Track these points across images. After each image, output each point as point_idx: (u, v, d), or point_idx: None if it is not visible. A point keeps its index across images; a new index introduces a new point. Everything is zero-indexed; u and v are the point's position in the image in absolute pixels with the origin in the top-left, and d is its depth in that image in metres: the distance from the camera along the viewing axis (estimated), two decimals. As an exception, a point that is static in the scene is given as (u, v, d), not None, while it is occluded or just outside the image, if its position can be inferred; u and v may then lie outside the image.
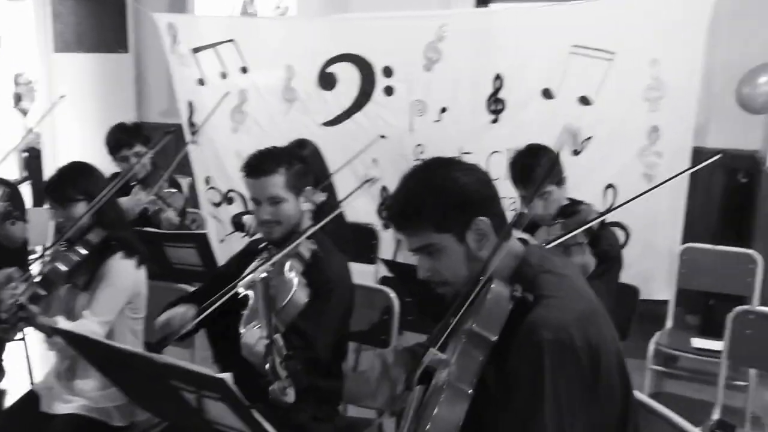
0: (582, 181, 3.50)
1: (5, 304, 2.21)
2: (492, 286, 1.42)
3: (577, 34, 3.73)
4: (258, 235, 2.44)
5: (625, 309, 3.01)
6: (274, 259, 2.10)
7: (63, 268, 2.32)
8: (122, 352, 1.47)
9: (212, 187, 4.50)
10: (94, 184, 2.44)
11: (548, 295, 1.43)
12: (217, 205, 4.51)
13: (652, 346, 3.39)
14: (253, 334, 1.93)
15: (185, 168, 4.75)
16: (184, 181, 4.51)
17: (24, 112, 6.62)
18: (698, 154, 4.25)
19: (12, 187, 3.40)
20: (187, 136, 4.47)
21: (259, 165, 2.21)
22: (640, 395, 1.77)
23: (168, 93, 5.36)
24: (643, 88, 3.71)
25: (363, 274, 3.57)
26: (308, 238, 2.25)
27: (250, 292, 2.16)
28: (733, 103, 3.99)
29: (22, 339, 3.45)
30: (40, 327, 2.27)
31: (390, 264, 3.19)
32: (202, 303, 2.19)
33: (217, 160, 4.43)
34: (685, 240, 3.79)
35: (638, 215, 3.79)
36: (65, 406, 2.41)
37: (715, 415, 2.81)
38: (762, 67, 3.89)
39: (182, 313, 2.19)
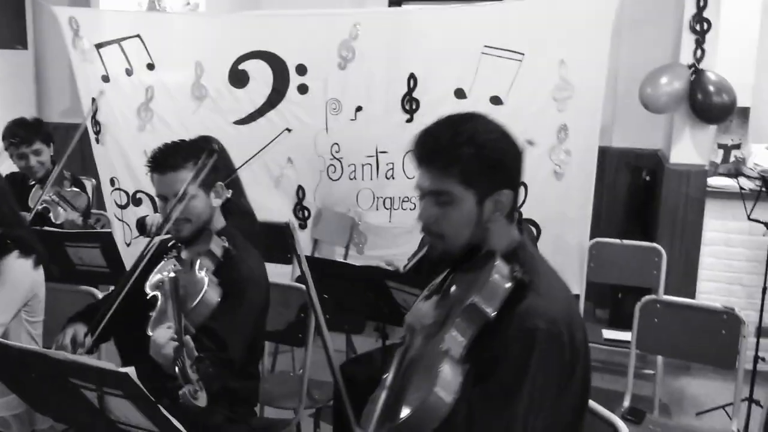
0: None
1: None
2: (496, 263, 1.41)
3: (488, 35, 3.78)
4: (164, 236, 2.34)
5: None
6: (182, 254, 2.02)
7: None
8: (17, 350, 1.36)
9: (118, 188, 4.30)
10: None
11: (542, 283, 1.44)
12: (124, 207, 4.31)
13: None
14: (162, 335, 1.84)
15: (90, 169, 4.54)
16: (88, 183, 4.32)
17: None
18: (604, 153, 4.42)
19: None
20: (91, 136, 4.26)
21: (165, 160, 2.12)
22: None
23: (70, 91, 5.12)
24: (551, 89, 3.80)
25: (280, 275, 3.51)
26: (220, 234, 2.18)
27: (159, 293, 2.06)
28: (637, 103, 4.13)
29: None
30: None
31: (309, 260, 3.14)
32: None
33: (124, 159, 4.24)
34: (593, 236, 3.90)
35: (549, 213, 3.90)
36: (-43, 418, 2.24)
37: (626, 403, 2.89)
38: (663, 68, 4.05)
39: (72, 336, 2.08)
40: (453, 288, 1.49)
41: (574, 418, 1.49)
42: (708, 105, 3.89)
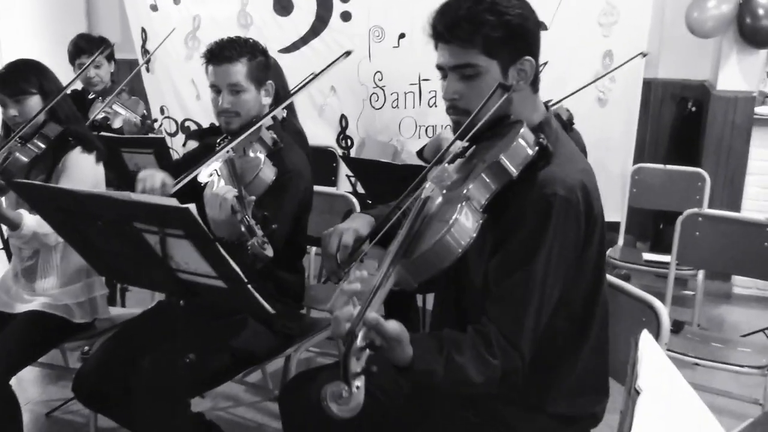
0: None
1: None
2: (522, 129, 1.42)
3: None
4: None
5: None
6: (238, 140, 2.07)
7: (24, 159, 2.27)
8: (82, 195, 1.44)
9: (167, 117, 4.42)
10: (48, 79, 2.38)
11: (563, 153, 1.47)
12: (173, 135, 4.44)
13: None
14: (220, 187, 1.85)
15: (141, 98, 4.66)
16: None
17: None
18: (649, 85, 4.37)
19: None
20: (141, 65, 4.37)
21: (221, 51, 2.19)
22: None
23: (121, 26, 5.21)
24: (597, 13, 3.76)
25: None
26: (269, 129, 2.24)
27: (213, 178, 2.13)
28: (684, 33, 4.06)
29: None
30: (3, 220, 2.24)
31: (349, 160, 3.22)
32: None
33: (172, 88, 4.35)
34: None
35: (591, 139, 3.88)
36: (25, 305, 2.38)
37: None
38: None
39: (161, 179, 2.07)
40: (477, 151, 1.51)
41: (589, 289, 1.52)
42: (757, 29, 3.80)
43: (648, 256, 3.60)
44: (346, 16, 4.05)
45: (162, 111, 4.43)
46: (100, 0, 5.70)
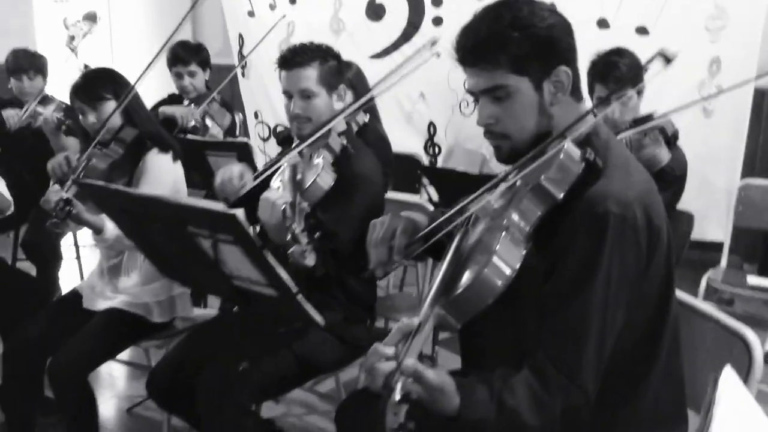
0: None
1: (52, 201, 2.25)
2: (565, 145, 1.32)
3: (635, -39, 3.58)
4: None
5: (679, 236, 2.90)
6: (302, 146, 2.07)
7: (101, 165, 2.34)
8: (138, 196, 1.45)
9: (261, 122, 4.50)
10: (122, 85, 2.44)
11: (616, 165, 1.35)
12: (266, 140, 4.52)
13: (704, 283, 3.25)
14: (274, 194, 1.87)
15: (239, 106, 4.76)
16: (236, 118, 4.54)
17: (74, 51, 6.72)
18: (764, 95, 4.07)
19: (72, 110, 3.48)
20: (238, 70, 4.47)
21: (293, 57, 2.18)
22: (691, 298, 1.68)
23: (223, 33, 5.36)
24: (704, 17, 3.55)
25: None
26: (340, 135, 2.22)
27: (280, 183, 2.14)
28: (804, 37, 3.76)
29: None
30: (86, 223, 2.31)
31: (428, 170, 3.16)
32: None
33: (265, 94, 4.43)
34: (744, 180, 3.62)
35: (695, 152, 3.65)
36: (106, 302, 2.45)
37: (766, 347, 2.68)
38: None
39: (239, 170, 2.13)
40: (521, 174, 1.40)
41: (655, 309, 1.39)
42: None
43: (753, 279, 3.33)
44: (437, 21, 4.00)
45: (256, 116, 4.52)
46: (205, 6, 5.88)
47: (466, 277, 1.25)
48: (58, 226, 2.28)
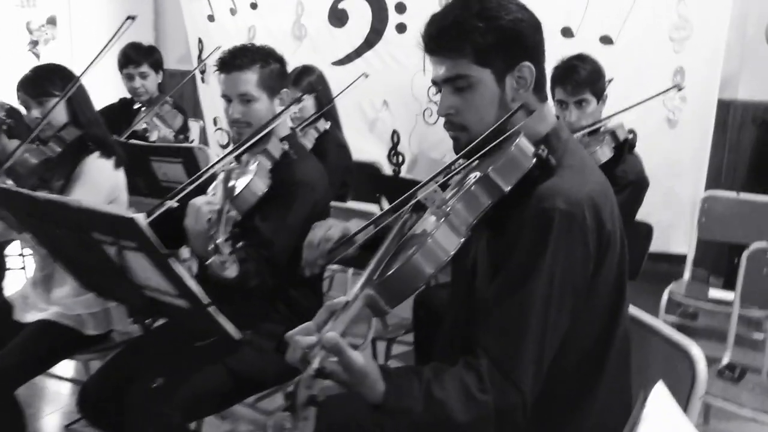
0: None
1: None
2: (518, 139, 1.29)
3: (600, -31, 3.54)
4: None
5: (637, 247, 2.83)
6: (238, 151, 1.97)
7: (33, 161, 2.23)
8: (43, 200, 1.35)
9: (219, 128, 4.40)
10: (70, 83, 2.35)
11: (571, 166, 1.32)
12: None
13: (665, 296, 3.19)
14: (201, 200, 1.75)
15: (199, 112, 4.66)
16: (196, 124, 4.44)
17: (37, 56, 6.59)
18: (728, 106, 4.04)
19: (16, 111, 3.36)
20: (197, 75, 4.37)
21: (232, 60, 2.08)
22: (639, 312, 1.61)
23: (186, 39, 5.26)
24: (668, 27, 3.51)
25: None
26: (282, 140, 2.13)
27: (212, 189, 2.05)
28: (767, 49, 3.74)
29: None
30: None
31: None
32: None
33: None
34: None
35: (659, 162, 3.60)
36: (38, 314, 2.33)
37: (725, 359, 2.61)
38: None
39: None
40: (473, 167, 1.36)
41: (605, 321, 1.34)
42: None
43: (714, 293, 3.27)
44: (401, 28, 3.93)
45: (215, 122, 4.42)
46: (168, 11, 5.78)
47: (399, 259, 1.21)
48: None
